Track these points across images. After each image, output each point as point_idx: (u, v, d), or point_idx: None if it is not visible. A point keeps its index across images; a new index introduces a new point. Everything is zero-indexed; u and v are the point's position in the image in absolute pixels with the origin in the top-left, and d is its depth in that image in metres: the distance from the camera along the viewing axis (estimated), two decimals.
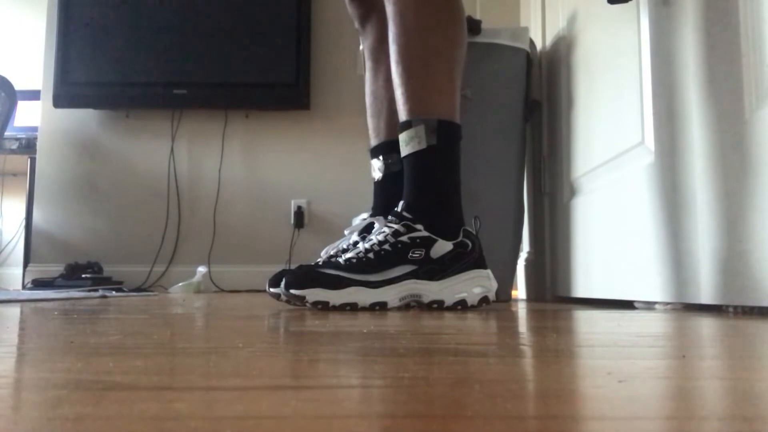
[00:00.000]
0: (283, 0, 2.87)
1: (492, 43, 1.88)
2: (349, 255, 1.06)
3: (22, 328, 0.64)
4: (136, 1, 2.89)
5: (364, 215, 1.28)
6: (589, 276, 1.60)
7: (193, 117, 2.95)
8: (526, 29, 1.94)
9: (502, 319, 0.85)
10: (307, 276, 1.01)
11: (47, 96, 2.92)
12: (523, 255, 2.13)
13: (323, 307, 0.99)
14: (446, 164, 1.14)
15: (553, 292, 1.94)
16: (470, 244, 1.11)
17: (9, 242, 3.53)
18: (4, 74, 2.53)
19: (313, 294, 0.99)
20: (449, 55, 1.15)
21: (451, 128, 1.14)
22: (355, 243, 1.20)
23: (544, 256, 2.00)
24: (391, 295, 1.03)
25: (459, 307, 1.08)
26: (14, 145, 3.18)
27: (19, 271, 3.12)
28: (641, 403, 0.26)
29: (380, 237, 1.07)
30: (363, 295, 1.01)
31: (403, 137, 1.12)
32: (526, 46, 1.91)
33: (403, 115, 1.13)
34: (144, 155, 2.95)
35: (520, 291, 2.19)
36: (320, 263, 1.09)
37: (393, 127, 1.25)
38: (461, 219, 1.15)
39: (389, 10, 1.15)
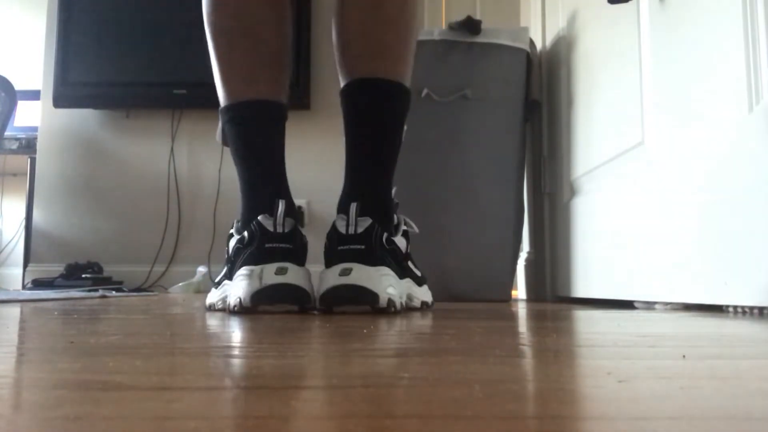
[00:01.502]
0: None
1: (492, 43, 1.88)
2: None
3: (22, 328, 0.64)
4: (136, 1, 2.89)
5: None
6: (589, 276, 1.60)
7: (193, 117, 2.95)
8: (526, 29, 1.94)
9: (502, 319, 0.85)
10: None
11: (47, 96, 2.92)
12: (523, 255, 2.13)
13: None
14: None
15: (553, 292, 1.94)
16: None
17: (9, 242, 3.53)
18: (4, 74, 2.53)
19: None
20: (209, 34, 1.02)
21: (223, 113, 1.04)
22: None
23: (544, 256, 2.00)
24: None
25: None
26: (14, 145, 3.18)
27: (19, 271, 3.12)
28: (641, 403, 0.26)
29: None
30: None
31: None
32: (526, 46, 1.91)
33: None
34: (144, 155, 2.95)
35: (520, 291, 2.19)
36: None
37: None
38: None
39: None
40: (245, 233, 0.94)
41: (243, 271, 0.90)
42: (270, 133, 1.03)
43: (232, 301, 0.89)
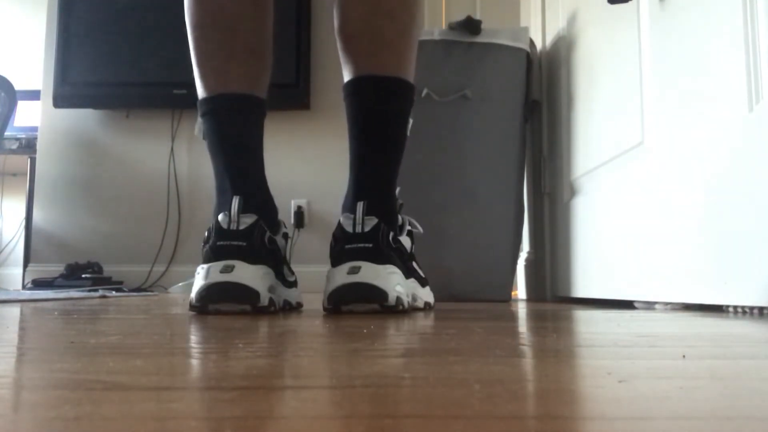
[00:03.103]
0: (283, 1, 2.87)
1: (492, 43, 1.88)
2: None
3: (22, 328, 0.64)
4: (136, 1, 2.89)
5: None
6: (589, 276, 1.60)
7: (193, 117, 2.95)
8: (526, 29, 1.94)
9: (502, 319, 0.85)
10: None
11: (47, 96, 2.92)
12: (523, 255, 2.13)
13: None
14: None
15: (553, 292, 1.94)
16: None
17: (9, 242, 3.52)
18: (4, 74, 2.53)
19: None
20: (188, 28, 1.02)
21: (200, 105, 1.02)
22: None
23: (544, 256, 2.00)
24: None
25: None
26: (14, 145, 3.18)
27: (19, 271, 3.12)
28: (641, 403, 0.26)
29: None
30: None
31: None
32: (526, 46, 1.91)
33: None
34: (144, 155, 2.95)
35: (520, 291, 2.19)
36: None
37: None
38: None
39: None
40: (206, 232, 0.94)
41: (197, 270, 0.90)
42: (240, 125, 1.01)
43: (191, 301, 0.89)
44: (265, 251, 0.92)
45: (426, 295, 1.07)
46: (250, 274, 0.87)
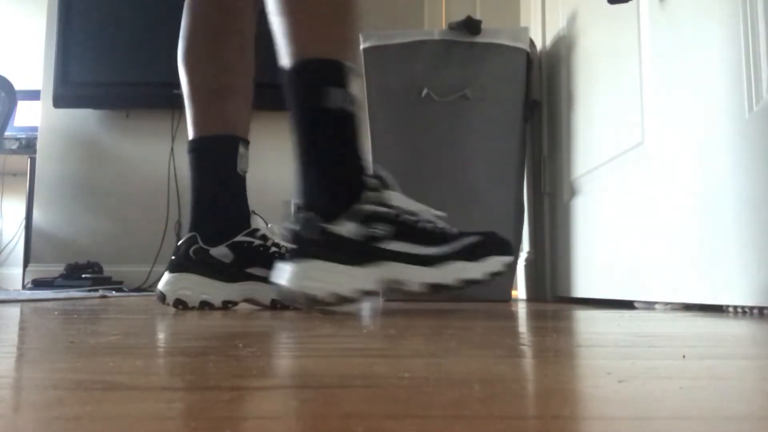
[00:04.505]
0: None
1: (492, 43, 1.88)
2: None
3: (22, 328, 0.64)
4: (136, 1, 2.89)
5: None
6: (589, 276, 1.60)
7: None
8: (526, 29, 1.94)
9: (502, 319, 0.85)
10: None
11: (47, 96, 2.92)
12: (523, 255, 2.12)
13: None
14: None
15: (553, 292, 1.94)
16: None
17: (9, 242, 3.52)
18: (4, 74, 2.53)
19: None
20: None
21: None
22: None
23: (544, 256, 2.00)
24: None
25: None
26: (14, 145, 3.18)
27: (19, 271, 3.12)
28: (641, 403, 0.26)
29: None
30: None
31: None
32: (526, 46, 1.91)
33: None
34: (144, 155, 2.95)
35: (520, 291, 2.19)
36: None
37: None
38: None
39: None
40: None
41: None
42: (200, 171, 1.21)
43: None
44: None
45: (427, 275, 0.93)
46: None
